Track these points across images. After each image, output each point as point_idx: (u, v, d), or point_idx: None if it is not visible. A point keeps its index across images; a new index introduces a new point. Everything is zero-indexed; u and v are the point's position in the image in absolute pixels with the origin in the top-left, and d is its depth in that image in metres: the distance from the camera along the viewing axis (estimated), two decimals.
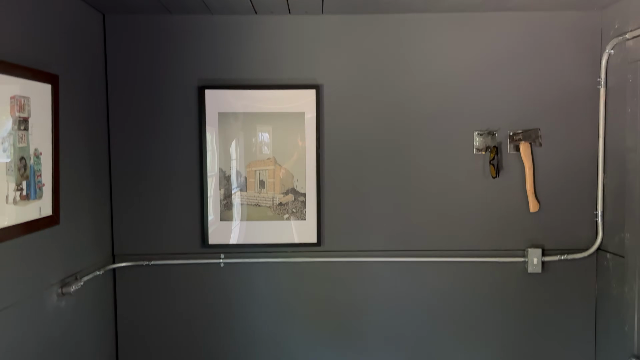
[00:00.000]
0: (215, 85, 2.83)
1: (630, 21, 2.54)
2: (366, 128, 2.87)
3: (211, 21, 2.82)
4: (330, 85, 2.86)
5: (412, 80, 2.86)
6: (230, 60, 2.84)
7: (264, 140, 2.87)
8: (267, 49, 2.84)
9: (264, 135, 2.87)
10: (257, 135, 2.87)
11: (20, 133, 1.90)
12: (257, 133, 2.87)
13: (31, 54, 2.04)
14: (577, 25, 2.82)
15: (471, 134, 2.86)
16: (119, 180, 2.85)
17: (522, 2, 2.64)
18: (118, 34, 2.81)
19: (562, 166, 2.86)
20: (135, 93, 2.83)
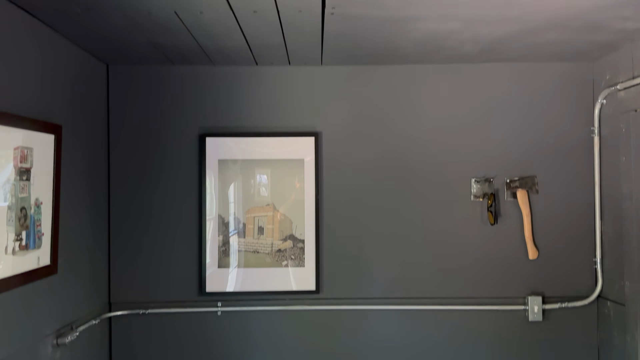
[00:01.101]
0: (216, 133, 2.87)
1: (621, 73, 2.61)
2: (364, 175, 2.90)
3: (213, 72, 2.89)
4: (329, 132, 2.91)
5: (409, 128, 2.91)
6: (231, 108, 2.89)
7: (263, 186, 2.89)
8: (267, 97, 2.90)
9: (263, 182, 2.89)
10: (257, 181, 2.89)
11: (22, 183, 1.92)
12: (256, 179, 2.89)
13: (35, 104, 2.08)
14: (570, 76, 2.90)
15: (468, 180, 2.89)
16: (118, 227, 2.85)
17: (514, 54, 2.72)
18: (121, 84, 2.86)
19: (560, 213, 2.88)
20: (137, 141, 2.86)
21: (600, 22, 2.19)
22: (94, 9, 1.96)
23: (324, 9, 2.02)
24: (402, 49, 2.60)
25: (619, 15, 2.10)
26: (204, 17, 2.07)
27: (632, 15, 2.11)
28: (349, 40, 2.44)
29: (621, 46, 2.57)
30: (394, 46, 2.55)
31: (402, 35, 2.36)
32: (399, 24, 2.21)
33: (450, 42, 2.48)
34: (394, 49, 2.60)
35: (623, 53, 2.58)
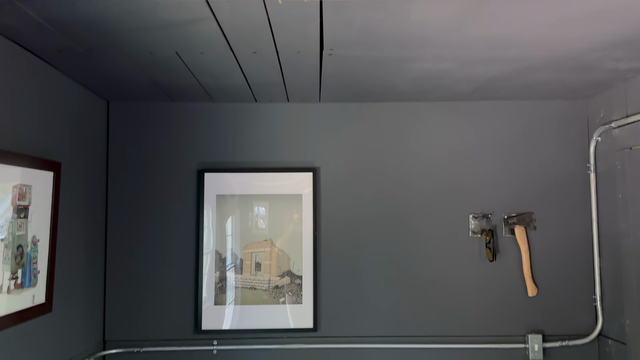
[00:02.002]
0: (214, 168, 2.88)
1: (614, 111, 2.65)
2: (362, 210, 2.90)
3: (213, 108, 2.93)
4: (327, 168, 2.93)
5: (406, 164, 2.93)
6: (230, 144, 2.92)
7: (261, 221, 2.89)
8: (266, 133, 2.93)
9: (261, 217, 2.89)
10: (255, 216, 2.89)
11: (20, 221, 1.91)
12: (254, 215, 2.89)
13: (35, 141, 2.10)
14: (564, 113, 2.94)
15: (466, 216, 2.89)
16: (114, 263, 2.83)
17: (509, 92, 2.76)
18: (121, 120, 2.89)
19: (558, 250, 2.87)
20: (135, 177, 2.87)
21: (593, 63, 2.24)
22: (96, 49, 2.00)
23: (322, 50, 2.06)
24: (398, 87, 2.65)
25: (611, 56, 2.14)
26: (205, 57, 2.11)
27: (624, 56, 2.15)
28: (346, 79, 2.48)
29: (614, 85, 2.61)
30: (390, 84, 2.59)
31: (399, 74, 2.41)
32: (395, 64, 2.25)
33: (446, 81, 2.52)
34: (390, 87, 2.64)
35: (616, 91, 2.63)
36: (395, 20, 1.75)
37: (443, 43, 1.98)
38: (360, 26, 1.80)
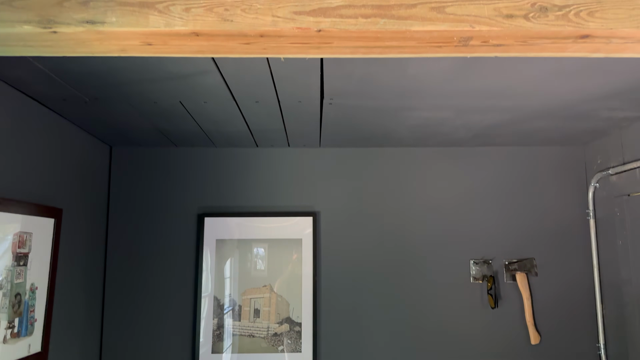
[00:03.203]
0: (214, 213, 2.89)
1: (611, 157, 2.68)
2: (363, 255, 2.89)
3: (214, 153, 2.96)
4: (327, 212, 2.93)
5: (406, 209, 2.93)
6: (230, 188, 2.93)
7: (261, 267, 2.87)
8: (267, 178, 2.95)
9: (260, 262, 2.87)
10: (254, 261, 2.87)
11: (19, 269, 1.91)
12: (254, 259, 2.88)
13: (38, 188, 2.11)
14: (562, 159, 2.97)
15: (467, 262, 2.88)
16: (111, 310, 2.80)
17: (507, 139, 2.80)
18: (123, 165, 2.92)
19: (560, 296, 2.85)
20: (135, 221, 2.87)
21: (588, 112, 2.28)
22: (101, 98, 2.04)
23: (323, 99, 2.11)
24: (397, 134, 2.69)
25: (606, 105, 2.19)
26: (208, 105, 2.15)
27: (618, 106, 2.20)
28: (346, 126, 2.52)
29: (610, 132, 2.65)
30: (389, 131, 2.63)
31: (397, 122, 2.45)
32: (394, 112, 2.29)
33: (444, 128, 2.56)
34: (389, 134, 2.68)
35: (612, 138, 2.66)
36: (393, 73, 1.80)
37: (440, 93, 2.02)
38: (360, 78, 1.85)
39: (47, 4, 1.11)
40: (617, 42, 1.20)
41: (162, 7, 1.11)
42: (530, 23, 1.14)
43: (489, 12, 1.15)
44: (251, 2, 1.13)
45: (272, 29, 1.15)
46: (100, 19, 1.11)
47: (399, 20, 1.16)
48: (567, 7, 1.15)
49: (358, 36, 1.19)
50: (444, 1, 1.16)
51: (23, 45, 1.17)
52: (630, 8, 1.15)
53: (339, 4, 1.16)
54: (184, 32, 1.13)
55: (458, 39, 1.19)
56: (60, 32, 1.11)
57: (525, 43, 1.20)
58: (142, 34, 1.13)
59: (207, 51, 1.24)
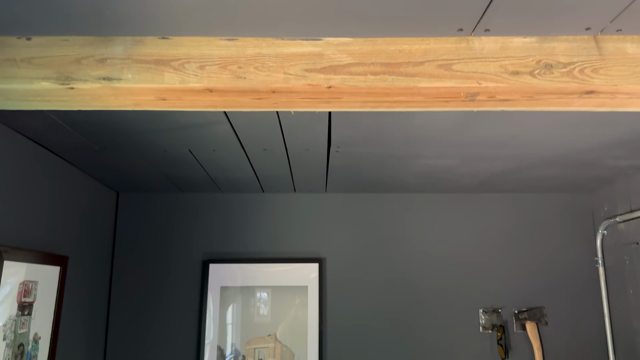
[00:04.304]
0: (219, 259, 2.87)
1: (619, 205, 2.68)
2: (370, 303, 2.85)
3: (220, 198, 2.97)
4: (333, 258, 2.91)
5: (414, 256, 2.91)
6: (236, 234, 2.93)
7: (265, 315, 2.83)
8: (273, 223, 2.95)
9: (265, 310, 2.83)
10: (259, 309, 2.83)
11: (23, 318, 1.88)
12: (258, 307, 2.84)
13: (45, 236, 2.11)
14: (569, 206, 2.96)
15: (476, 311, 2.83)
16: (114, 357, 2.74)
17: (513, 186, 2.81)
18: (130, 210, 2.93)
19: (572, 347, 2.78)
20: (140, 267, 2.86)
21: (594, 160, 2.30)
22: (111, 147, 2.07)
23: (329, 147, 2.13)
24: (404, 180, 2.70)
25: (611, 154, 2.20)
26: (216, 154, 2.18)
27: (623, 155, 2.21)
28: (352, 172, 2.54)
29: (616, 180, 2.66)
30: (396, 178, 2.64)
31: (404, 169, 2.46)
32: (401, 160, 2.31)
33: (450, 175, 2.58)
34: (396, 180, 2.69)
35: (619, 186, 2.67)
36: (400, 123, 1.83)
37: (446, 142, 2.05)
38: (367, 127, 1.88)
39: (65, 61, 1.15)
40: (621, 97, 1.22)
41: (177, 65, 1.15)
42: (536, 80, 1.17)
43: (495, 69, 1.17)
44: (264, 60, 1.17)
45: (283, 85, 1.18)
46: (117, 75, 1.14)
47: (407, 77, 1.18)
48: (572, 64, 1.18)
49: (367, 92, 1.22)
50: (451, 59, 1.19)
51: (40, 100, 1.20)
52: (633, 65, 1.17)
53: (348, 62, 1.19)
54: (198, 89, 1.16)
55: (465, 94, 1.21)
56: (77, 88, 1.14)
57: (531, 98, 1.23)
58: (157, 90, 1.16)
59: (219, 106, 1.27)
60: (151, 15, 1.09)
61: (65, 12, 1.07)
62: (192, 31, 1.16)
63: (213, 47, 1.16)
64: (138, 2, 1.04)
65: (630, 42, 1.18)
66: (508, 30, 1.18)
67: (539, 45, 1.18)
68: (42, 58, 1.14)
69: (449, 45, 1.19)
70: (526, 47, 1.18)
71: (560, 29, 1.17)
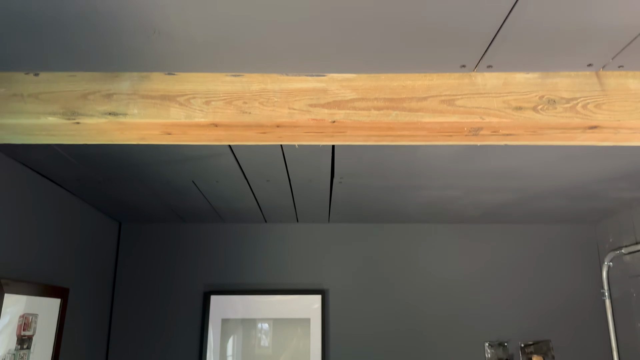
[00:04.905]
0: (221, 290, 2.84)
1: (623, 237, 2.66)
2: (373, 336, 2.81)
3: (222, 228, 2.96)
4: (336, 290, 2.88)
5: (417, 288, 2.88)
6: (238, 265, 2.90)
7: (267, 347, 2.78)
8: (275, 254, 2.93)
9: (267, 342, 2.79)
10: (261, 342, 2.79)
11: (22, 352, 1.86)
12: (260, 340, 2.79)
13: (47, 268, 2.10)
14: (574, 238, 2.94)
15: (482, 345, 2.78)
16: None
17: (517, 217, 2.79)
18: (132, 241, 2.91)
19: None
20: (141, 298, 2.83)
21: (597, 192, 2.29)
22: (115, 178, 2.07)
23: (333, 178, 2.13)
24: (407, 211, 2.69)
25: (615, 186, 2.20)
26: (220, 185, 2.18)
27: (627, 187, 2.20)
28: (356, 203, 2.53)
29: (620, 211, 2.65)
30: (399, 208, 2.63)
31: (407, 199, 2.46)
32: (404, 191, 2.31)
33: (454, 206, 2.57)
34: (399, 211, 2.69)
35: (623, 218, 2.65)
36: (403, 155, 1.83)
37: (449, 174, 2.05)
38: (370, 159, 1.88)
39: (72, 96, 1.16)
40: (625, 132, 1.22)
41: (183, 100, 1.16)
42: (539, 115, 1.17)
43: (498, 105, 1.18)
44: (269, 96, 1.18)
45: (288, 120, 1.18)
46: (123, 110, 1.15)
47: (411, 112, 1.19)
48: (575, 99, 1.18)
49: (371, 127, 1.23)
50: (454, 94, 1.20)
51: (46, 135, 1.21)
52: (636, 101, 1.18)
53: (352, 97, 1.20)
54: (204, 124, 1.16)
55: (468, 129, 1.22)
56: (83, 123, 1.15)
57: (535, 133, 1.23)
58: (163, 124, 1.17)
59: (224, 139, 1.28)
60: (158, 52, 1.10)
61: (72, 49, 1.09)
62: (198, 67, 1.17)
63: (219, 83, 1.18)
64: (145, 39, 1.06)
65: (632, 77, 1.19)
66: (510, 66, 1.19)
67: (542, 81, 1.19)
68: (49, 93, 1.15)
69: (452, 81, 1.20)
70: (529, 82, 1.19)
71: (562, 65, 1.18)
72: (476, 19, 1.01)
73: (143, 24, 1.00)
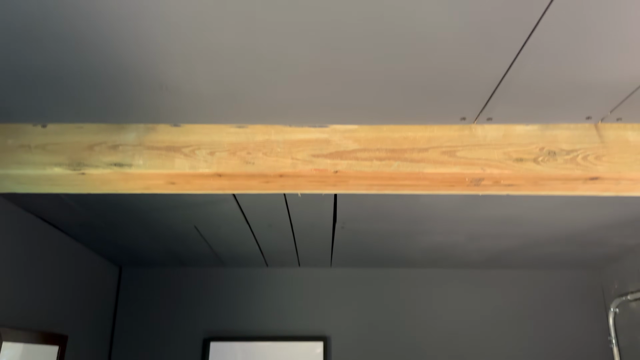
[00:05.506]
0: (221, 337, 2.79)
1: (628, 283, 2.62)
2: None
3: (223, 273, 2.93)
4: (338, 336, 2.83)
5: (420, 334, 2.82)
6: (238, 310, 2.86)
7: None
8: (276, 299, 2.89)
9: None
10: None
11: None
12: None
13: (46, 315, 2.07)
14: (579, 283, 2.90)
15: None
16: None
17: (521, 262, 2.77)
18: (132, 285, 2.88)
19: None
20: (139, 344, 2.77)
21: (601, 238, 2.28)
22: (117, 224, 2.07)
23: (335, 223, 2.13)
24: (410, 256, 2.67)
25: (618, 233, 2.19)
26: (222, 230, 2.18)
27: (630, 234, 2.19)
28: (358, 247, 2.52)
29: (625, 257, 2.62)
30: (402, 253, 2.62)
31: (410, 244, 2.45)
32: (407, 236, 2.30)
33: (457, 251, 2.55)
34: (402, 255, 2.67)
35: (628, 264, 2.63)
36: (405, 201, 1.84)
37: (452, 220, 2.04)
38: (373, 205, 1.88)
39: (78, 147, 1.18)
40: (626, 183, 1.23)
41: (188, 151, 1.17)
42: (540, 166, 1.18)
43: (499, 156, 1.19)
44: (272, 146, 1.19)
45: (291, 170, 1.19)
46: (128, 161, 1.16)
47: (412, 162, 1.20)
48: (575, 151, 1.20)
49: (373, 176, 1.24)
50: (455, 146, 1.21)
51: (51, 185, 1.22)
52: (635, 153, 1.19)
53: (354, 148, 1.21)
54: (208, 174, 1.18)
55: (470, 179, 1.23)
56: (88, 173, 1.16)
57: (536, 184, 1.24)
58: (167, 175, 1.18)
59: (227, 188, 1.29)
60: (165, 104, 1.13)
61: (81, 101, 1.11)
62: (204, 119, 1.19)
63: (223, 134, 1.20)
64: (152, 93, 1.08)
65: (631, 130, 1.20)
66: (510, 119, 1.21)
67: (541, 133, 1.21)
68: (55, 144, 1.17)
69: (453, 132, 1.22)
70: (528, 134, 1.21)
71: (561, 117, 1.20)
72: (476, 74, 1.03)
73: (151, 79, 1.02)
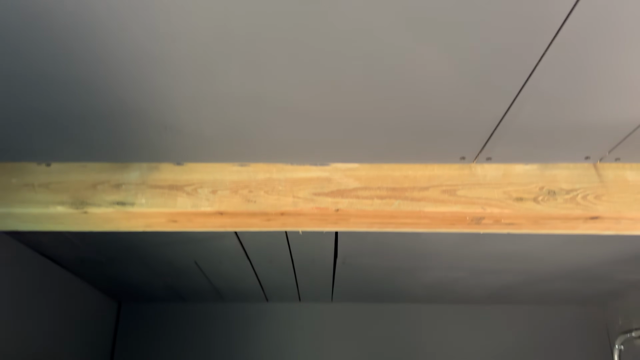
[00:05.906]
0: None
1: (633, 319, 2.59)
2: None
3: (223, 308, 2.90)
4: None
5: None
6: (237, 347, 2.82)
7: None
8: (276, 334, 2.85)
9: None
10: None
11: None
12: None
13: (42, 351, 2.04)
14: (582, 319, 2.86)
15: None
16: None
17: (523, 298, 2.74)
18: (131, 321, 2.85)
19: None
20: None
21: (604, 275, 2.26)
22: (117, 259, 2.07)
23: (336, 259, 2.12)
24: (412, 291, 2.65)
25: (621, 269, 2.17)
26: (222, 265, 2.17)
27: (633, 270, 2.18)
28: (359, 283, 2.50)
29: (628, 293, 2.60)
30: (403, 289, 2.60)
31: (412, 280, 2.43)
32: (408, 272, 2.29)
33: (459, 287, 2.53)
34: (403, 291, 2.65)
35: (632, 299, 2.60)
36: (407, 237, 1.83)
37: (454, 256, 2.04)
38: (374, 241, 1.88)
39: (81, 186, 1.19)
40: (626, 222, 1.23)
41: (190, 190, 1.18)
42: (540, 206, 1.19)
43: (499, 195, 1.20)
44: (274, 185, 1.20)
45: (292, 208, 1.20)
46: (131, 200, 1.17)
47: (413, 201, 1.21)
48: (574, 190, 1.20)
49: (374, 215, 1.24)
50: (455, 184, 1.22)
51: (54, 223, 1.22)
52: (635, 192, 1.20)
53: (355, 186, 1.22)
54: (209, 212, 1.18)
55: (470, 218, 1.23)
56: (90, 212, 1.17)
57: (536, 223, 1.24)
58: (169, 213, 1.19)
59: (229, 226, 1.29)
60: (168, 144, 1.14)
61: (84, 141, 1.13)
62: (206, 157, 1.21)
63: (225, 173, 1.21)
64: (155, 133, 1.10)
65: (629, 169, 1.21)
66: (509, 158, 1.22)
67: (541, 172, 1.22)
68: (59, 183, 1.18)
69: (453, 171, 1.23)
70: (528, 174, 1.22)
71: (560, 157, 1.21)
72: (474, 116, 1.05)
73: (155, 121, 1.04)
